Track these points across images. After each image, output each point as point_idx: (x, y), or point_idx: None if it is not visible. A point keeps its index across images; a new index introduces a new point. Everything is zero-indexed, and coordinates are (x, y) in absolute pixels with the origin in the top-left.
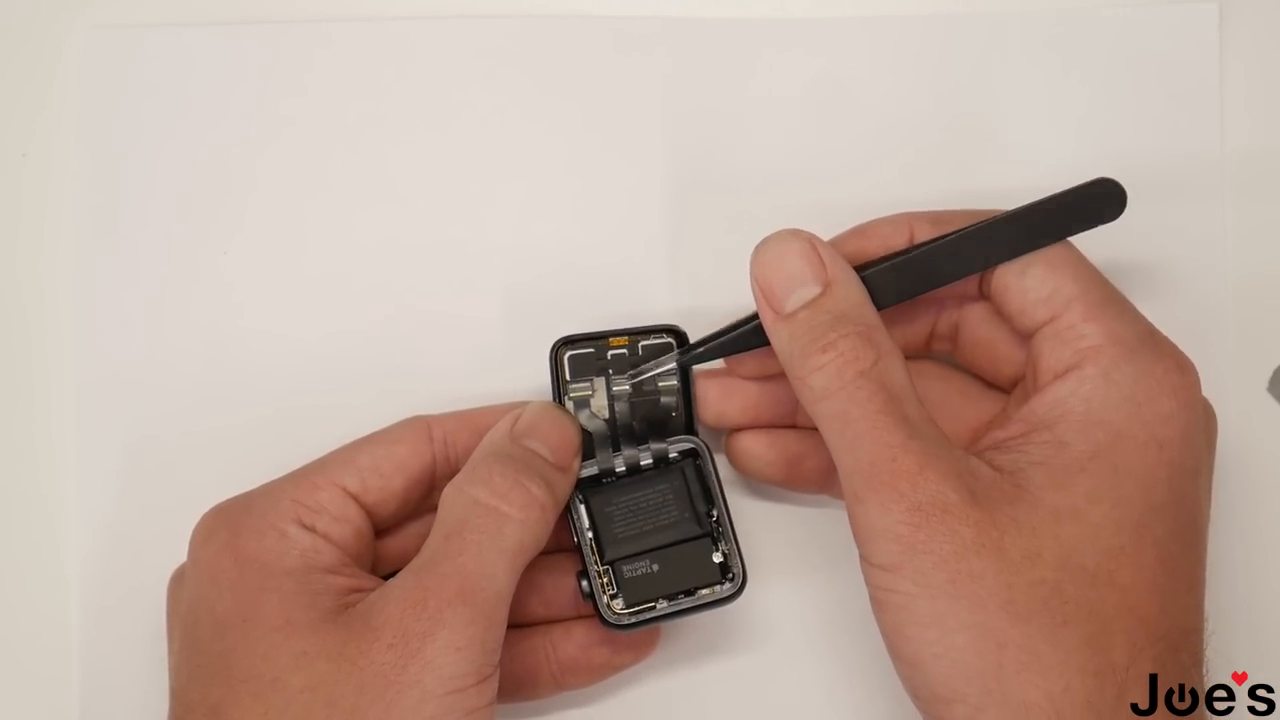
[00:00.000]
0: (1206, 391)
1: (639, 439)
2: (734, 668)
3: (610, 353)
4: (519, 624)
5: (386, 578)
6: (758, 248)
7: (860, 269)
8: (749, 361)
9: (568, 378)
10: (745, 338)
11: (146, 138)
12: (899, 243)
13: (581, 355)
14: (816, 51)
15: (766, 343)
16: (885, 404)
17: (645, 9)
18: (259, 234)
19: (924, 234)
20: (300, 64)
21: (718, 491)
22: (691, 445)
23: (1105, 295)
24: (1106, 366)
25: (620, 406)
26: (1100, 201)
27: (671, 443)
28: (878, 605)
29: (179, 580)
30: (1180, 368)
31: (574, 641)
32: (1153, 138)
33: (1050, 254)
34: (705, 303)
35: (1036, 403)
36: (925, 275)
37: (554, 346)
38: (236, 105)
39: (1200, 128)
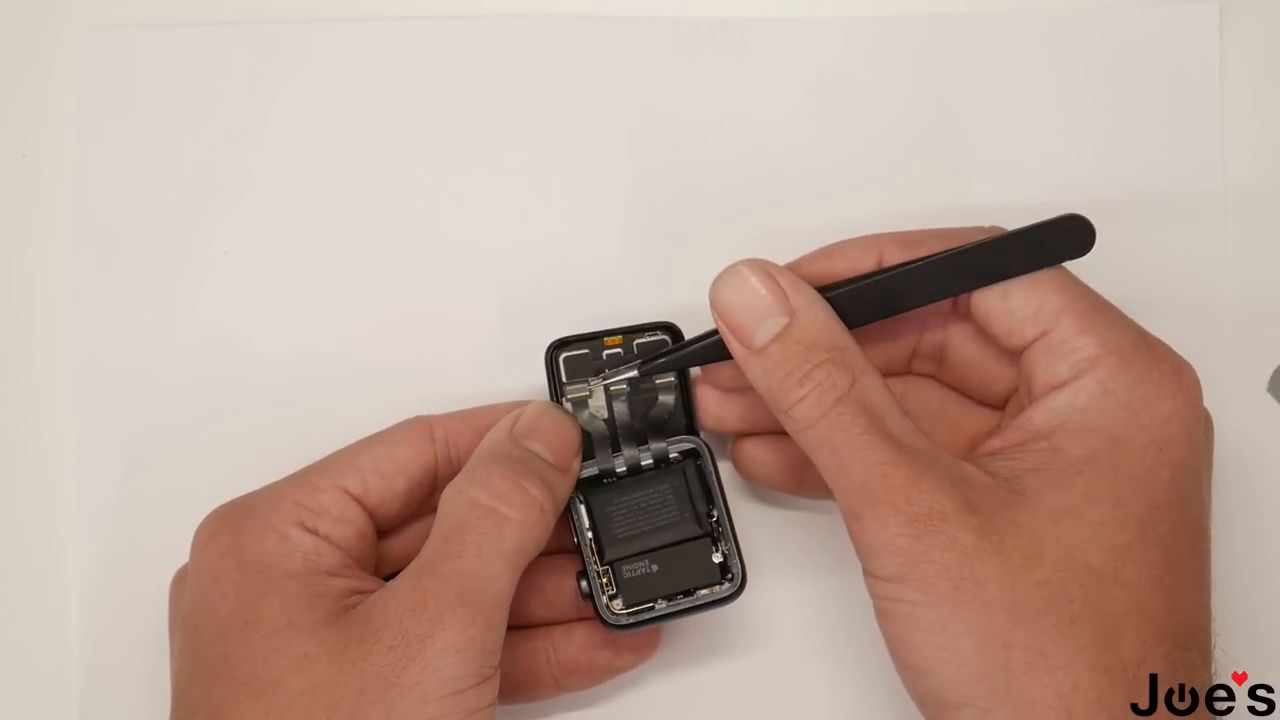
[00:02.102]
0: (1207, 391)
1: (639, 439)
2: (735, 670)
3: (605, 353)
4: (520, 625)
5: (388, 578)
6: (716, 282)
7: (827, 290)
8: (721, 373)
9: (564, 379)
10: (707, 351)
11: (145, 138)
12: (866, 265)
13: (577, 356)
14: (818, 51)
15: (729, 356)
16: (868, 425)
17: (644, 9)
18: (256, 235)
19: (893, 257)
20: (295, 64)
21: (718, 492)
22: (692, 445)
23: (1092, 304)
24: (1103, 377)
25: (619, 406)
26: (1069, 237)
27: (672, 443)
28: (882, 615)
29: (180, 582)
30: (1177, 370)
31: (575, 643)
32: (1153, 137)
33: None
34: (704, 301)
35: (1033, 412)
36: (893, 299)
37: (549, 349)
38: (233, 105)
39: (1200, 127)
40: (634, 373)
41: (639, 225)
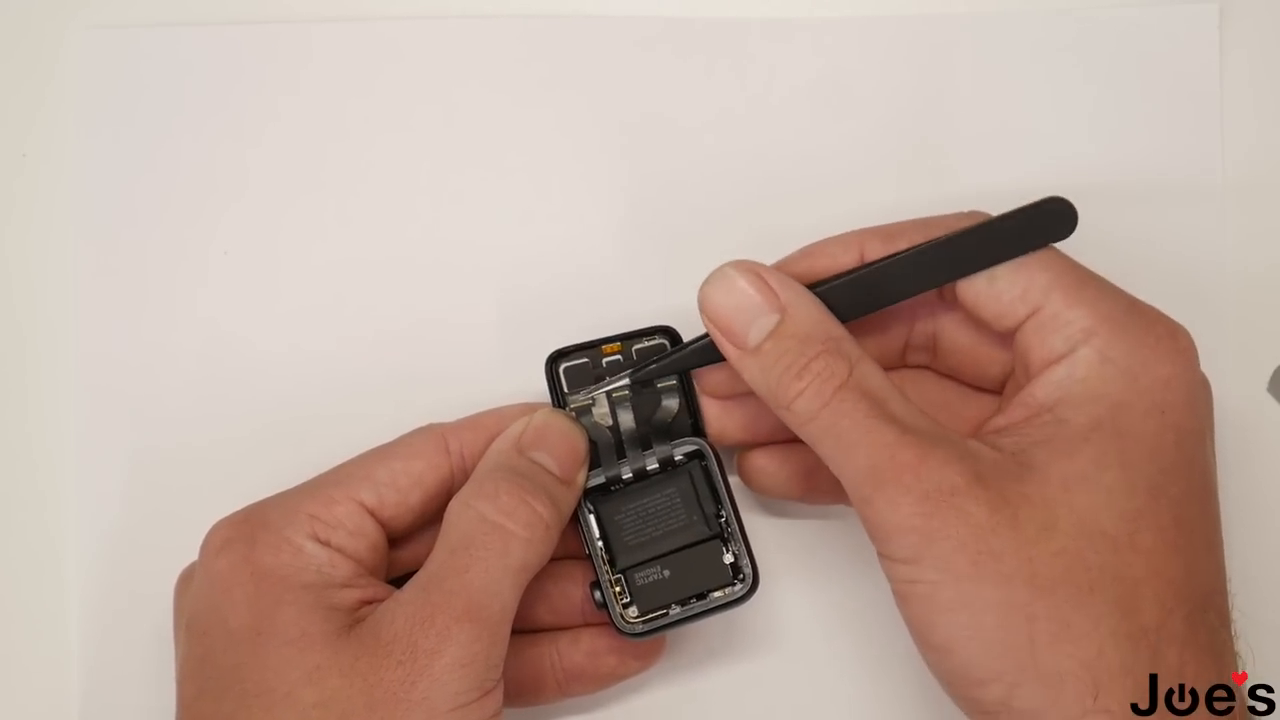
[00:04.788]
0: None
1: (644, 444)
2: (739, 675)
3: (605, 360)
4: (526, 630)
5: (396, 581)
6: (703, 287)
7: (811, 287)
8: (717, 380)
9: (565, 390)
10: (700, 354)
11: (145, 138)
12: (848, 261)
13: (577, 366)
14: (817, 51)
15: (720, 358)
16: (871, 409)
17: (644, 9)
18: (256, 235)
19: (874, 252)
20: (296, 64)
21: (725, 492)
22: (696, 446)
23: (1080, 277)
24: (1100, 345)
25: (623, 413)
26: (1051, 220)
27: (676, 445)
28: (901, 598)
29: (187, 581)
30: (1172, 333)
31: (581, 649)
32: (1153, 138)
33: None
34: None
35: (1033, 388)
36: (878, 293)
37: (548, 361)
38: (234, 105)
39: (1200, 128)
40: (626, 381)
41: (638, 226)
